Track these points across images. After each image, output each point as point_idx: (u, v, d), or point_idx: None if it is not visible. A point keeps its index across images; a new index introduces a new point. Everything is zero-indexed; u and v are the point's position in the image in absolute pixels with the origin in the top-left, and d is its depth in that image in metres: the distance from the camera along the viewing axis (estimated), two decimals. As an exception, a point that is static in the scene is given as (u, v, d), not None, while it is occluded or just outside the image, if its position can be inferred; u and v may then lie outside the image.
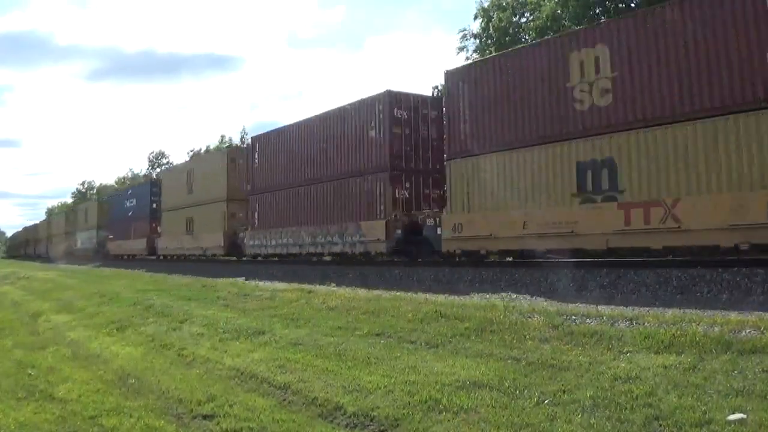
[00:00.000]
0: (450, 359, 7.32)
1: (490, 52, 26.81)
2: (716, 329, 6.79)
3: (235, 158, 26.23)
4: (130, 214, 38.10)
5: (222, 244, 25.17)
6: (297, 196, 20.58)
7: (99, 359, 10.06)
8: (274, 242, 21.40)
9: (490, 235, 13.53)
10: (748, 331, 6.64)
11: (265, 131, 23.87)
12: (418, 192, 17.28)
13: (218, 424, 6.25)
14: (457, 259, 15.08)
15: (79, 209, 56.65)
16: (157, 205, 34.11)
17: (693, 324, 7.09)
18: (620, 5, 24.67)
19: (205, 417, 6.50)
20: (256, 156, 23.16)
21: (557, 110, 12.47)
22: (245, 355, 8.87)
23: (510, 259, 15.15)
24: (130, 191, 41.64)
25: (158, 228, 33.68)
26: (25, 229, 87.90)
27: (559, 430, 5.00)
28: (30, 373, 9.01)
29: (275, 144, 22.33)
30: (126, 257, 38.95)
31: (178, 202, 30.28)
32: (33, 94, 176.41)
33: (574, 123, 12.15)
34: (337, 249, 18.56)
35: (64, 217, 59.04)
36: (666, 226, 10.61)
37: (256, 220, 22.77)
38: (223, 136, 69.47)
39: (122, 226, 39.08)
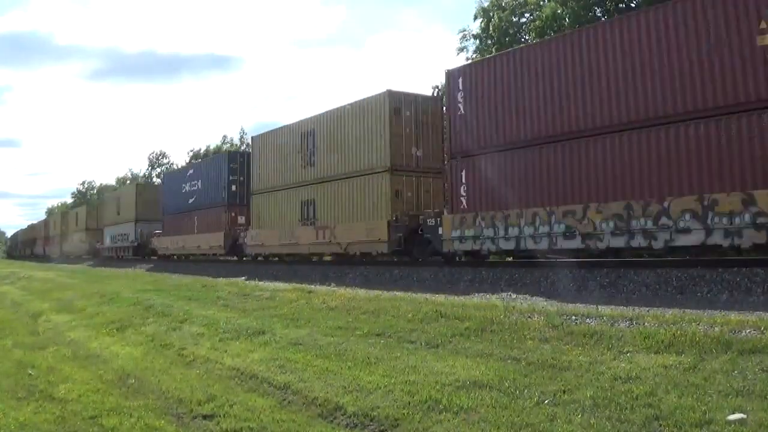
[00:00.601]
0: (450, 359, 7.32)
1: (491, 53, 26.79)
2: (716, 329, 6.80)
3: (399, 108, 17.03)
4: (191, 201, 29.02)
5: (385, 238, 16.56)
6: (572, 155, 12.37)
7: (99, 359, 10.07)
8: (512, 232, 13.26)
9: None
10: (748, 331, 6.64)
11: (476, 60, 15.90)
12: None
13: (218, 424, 6.25)
14: None
15: (107, 199, 48.00)
16: (238, 187, 25.52)
17: (693, 324, 7.09)
18: (620, 5, 24.68)
19: (205, 417, 6.51)
20: (460, 98, 14.73)
21: None
22: (245, 355, 8.88)
23: (510, 259, 15.15)
24: (191, 171, 30.93)
25: (240, 218, 25.18)
26: (31, 226, 79.02)
27: (559, 430, 5.01)
28: (30, 373, 9.02)
29: (503, 74, 13.83)
30: (184, 258, 30.82)
31: (284, 180, 21.63)
32: (33, 94, 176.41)
33: None
34: (695, 239, 10.55)
35: (84, 211, 50.94)
36: None
37: (463, 199, 14.58)
38: (225, 136, 69.58)
39: (178, 217, 30.06)
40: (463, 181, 14.67)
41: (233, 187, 25.69)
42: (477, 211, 14.20)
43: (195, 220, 28.21)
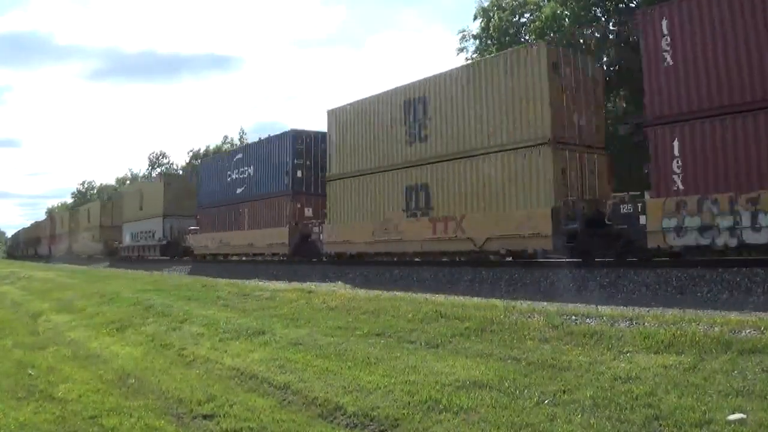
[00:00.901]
0: (450, 359, 7.32)
1: (491, 53, 26.78)
2: (716, 329, 6.80)
3: (558, 64, 13.52)
4: (239, 190, 24.87)
5: (548, 231, 12.80)
6: None
7: (99, 359, 10.06)
8: (765, 220, 9.90)
9: None
10: (748, 331, 6.64)
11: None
12: None
13: (218, 424, 6.25)
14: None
15: (126, 193, 43.46)
16: (304, 172, 21.66)
17: (693, 324, 7.09)
18: (620, 5, 24.68)
19: (205, 417, 6.51)
20: (665, 45, 11.28)
21: None
22: (245, 355, 8.88)
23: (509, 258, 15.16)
24: (239, 155, 25.97)
25: (307, 209, 21.39)
26: (35, 224, 74.26)
27: (559, 430, 5.01)
28: (30, 373, 9.01)
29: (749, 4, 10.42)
30: (222, 258, 26.58)
31: (377, 161, 17.53)
32: (33, 94, 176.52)
33: None
34: None
35: (98, 206, 46.15)
36: None
37: (677, 178, 11.13)
38: (226, 136, 69.66)
39: (220, 210, 26.05)
40: (677, 153, 11.09)
41: (299, 173, 21.58)
42: (703, 193, 10.63)
43: (245, 213, 24.05)
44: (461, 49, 31.65)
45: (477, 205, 14.45)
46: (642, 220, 11.52)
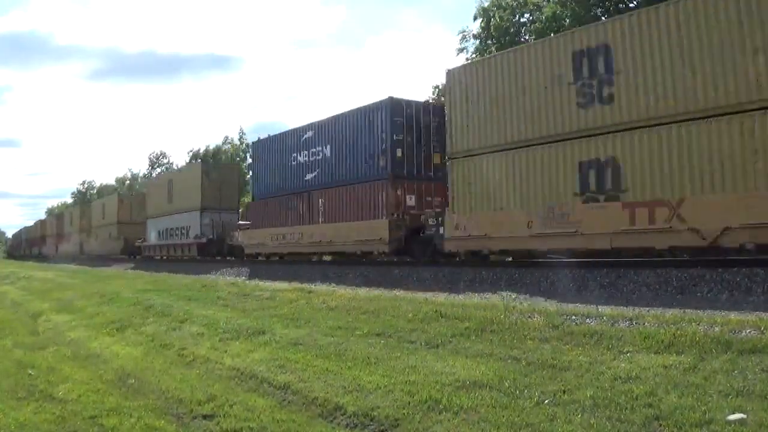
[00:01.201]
0: (450, 359, 7.33)
1: (491, 53, 26.78)
2: (716, 329, 6.80)
3: None
4: (309, 176, 20.57)
5: None
6: None
7: (99, 359, 10.08)
8: None
9: None
10: (748, 331, 6.64)
11: None
12: None
13: (218, 424, 6.26)
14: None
15: (152, 183, 38.65)
16: (405, 151, 17.29)
17: (693, 324, 7.09)
18: (620, 5, 24.68)
19: (205, 417, 6.52)
20: None
21: None
22: (245, 355, 8.88)
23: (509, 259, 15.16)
24: (309, 134, 21.01)
25: (409, 197, 17.14)
26: (40, 222, 68.70)
27: (559, 430, 5.01)
28: (30, 373, 9.02)
29: None
30: (283, 258, 22.16)
31: (529, 131, 13.28)
32: (33, 94, 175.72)
33: None
34: None
35: (115, 200, 40.42)
36: None
37: None
38: (227, 137, 69.59)
39: (281, 201, 21.69)
40: None
41: (398, 153, 17.24)
42: None
43: (319, 203, 19.82)
44: (461, 49, 31.63)
45: (703, 186, 10.58)
46: None
